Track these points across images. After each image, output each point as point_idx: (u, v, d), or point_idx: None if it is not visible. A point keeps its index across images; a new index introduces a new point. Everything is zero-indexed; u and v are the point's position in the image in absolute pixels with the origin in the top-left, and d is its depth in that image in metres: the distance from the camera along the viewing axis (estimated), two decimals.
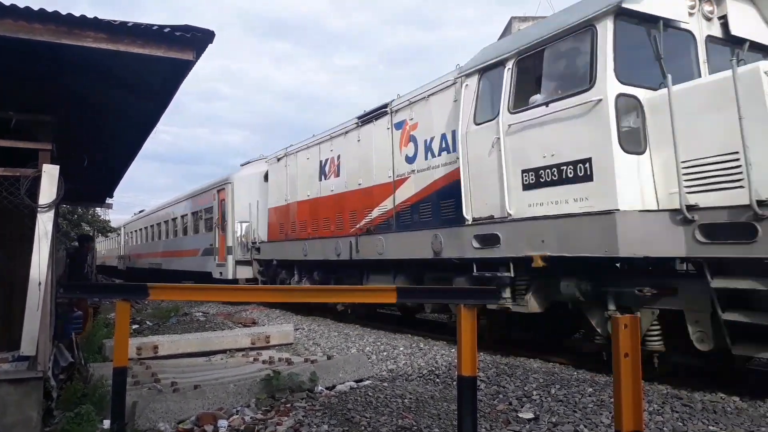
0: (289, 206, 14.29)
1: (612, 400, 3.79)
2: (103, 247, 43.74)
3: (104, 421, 4.59)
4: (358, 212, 11.11)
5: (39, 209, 4.84)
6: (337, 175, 12.09)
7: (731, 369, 5.94)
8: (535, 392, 5.52)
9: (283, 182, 14.70)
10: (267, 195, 15.83)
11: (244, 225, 16.40)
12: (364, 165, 11.01)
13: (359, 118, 11.26)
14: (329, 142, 12.51)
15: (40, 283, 4.67)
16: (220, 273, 17.18)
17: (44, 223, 4.83)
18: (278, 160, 15.05)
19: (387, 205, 10.22)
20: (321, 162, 12.79)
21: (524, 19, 8.43)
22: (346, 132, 11.79)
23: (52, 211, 4.95)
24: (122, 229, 37.04)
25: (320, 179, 12.78)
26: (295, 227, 13.89)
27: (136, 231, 32.80)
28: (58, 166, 5.03)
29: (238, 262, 16.43)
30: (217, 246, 17.76)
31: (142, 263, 29.47)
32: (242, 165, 18.73)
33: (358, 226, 10.99)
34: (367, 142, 11.01)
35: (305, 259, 12.55)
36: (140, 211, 34.23)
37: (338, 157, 12.09)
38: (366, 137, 11.06)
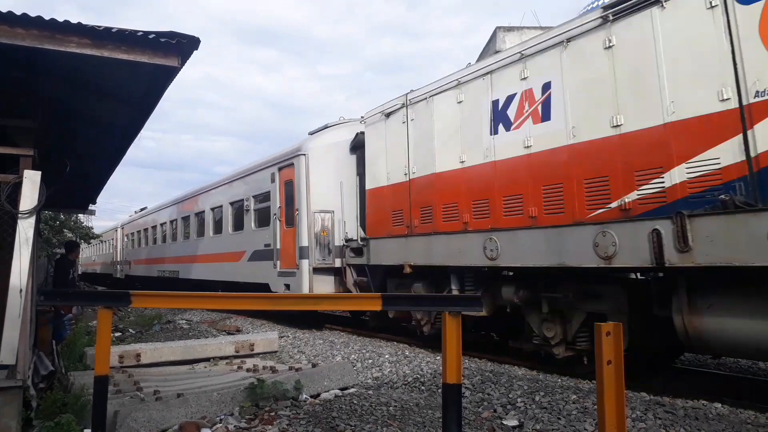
0: (414, 183, 9.57)
1: (595, 407, 3.82)
2: (92, 251, 41.21)
3: (85, 430, 4.54)
4: (614, 178, 6.36)
5: (20, 215, 4.79)
6: (542, 118, 7.33)
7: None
8: (519, 399, 5.55)
9: (398, 148, 9.92)
10: (359, 171, 11.45)
11: (327, 215, 11.62)
12: (628, 89, 6.33)
13: (608, 7, 6.57)
14: (517, 67, 7.71)
15: (21, 291, 4.62)
16: (287, 285, 12.09)
17: (25, 230, 4.77)
18: (387, 116, 10.22)
19: (717, 156, 5.45)
20: (494, 103, 8.06)
21: (509, 29, 8.43)
22: (568, 40, 7.00)
23: (33, 218, 4.89)
24: (118, 230, 32.31)
25: (492, 132, 8.04)
26: (430, 215, 9.10)
27: (140, 231, 27.50)
28: (39, 172, 4.98)
29: (315, 270, 11.47)
30: (278, 246, 12.66)
31: (149, 271, 24.38)
32: (311, 133, 13.19)
33: (613, 206, 6.32)
34: (634, 47, 6.30)
35: (492, 264, 7.70)
36: (142, 209, 29.53)
37: (543, 87, 7.35)
38: (631, 39, 6.33)
